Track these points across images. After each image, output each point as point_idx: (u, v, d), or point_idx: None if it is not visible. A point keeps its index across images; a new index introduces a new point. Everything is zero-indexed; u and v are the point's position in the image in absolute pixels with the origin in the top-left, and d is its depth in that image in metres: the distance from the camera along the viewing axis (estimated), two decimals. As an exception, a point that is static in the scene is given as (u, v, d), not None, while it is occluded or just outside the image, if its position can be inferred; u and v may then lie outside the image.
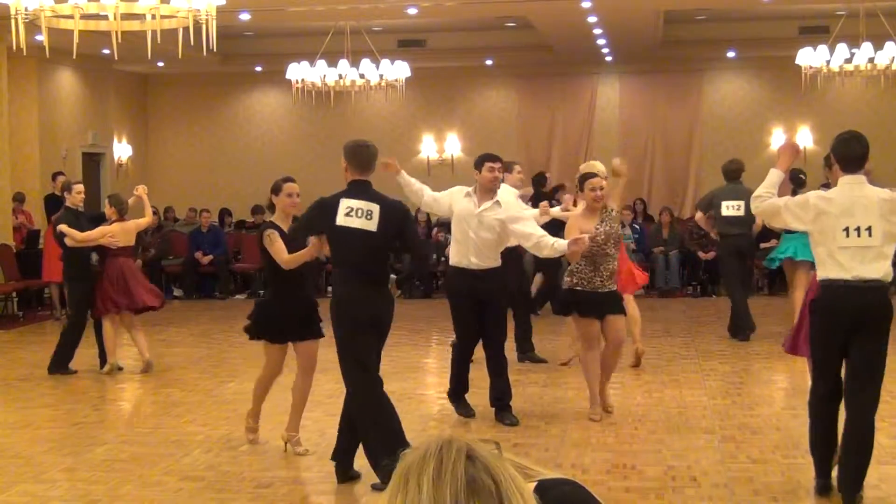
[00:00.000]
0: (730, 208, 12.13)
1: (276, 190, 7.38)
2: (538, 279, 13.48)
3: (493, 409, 8.38)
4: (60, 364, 10.76)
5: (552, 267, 12.15)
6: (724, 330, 12.60)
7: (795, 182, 12.21)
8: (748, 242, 12.49)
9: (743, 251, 12.42)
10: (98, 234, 10.66)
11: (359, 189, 6.56)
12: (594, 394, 8.32)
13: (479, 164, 8.31)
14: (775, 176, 6.22)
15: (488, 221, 8.14)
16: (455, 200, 8.31)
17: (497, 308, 8.29)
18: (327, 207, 6.55)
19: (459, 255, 8.28)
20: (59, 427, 8.41)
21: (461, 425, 8.22)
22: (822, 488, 6.13)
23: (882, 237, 5.86)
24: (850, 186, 5.95)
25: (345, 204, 6.49)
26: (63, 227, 10.60)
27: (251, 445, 7.59)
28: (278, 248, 7.05)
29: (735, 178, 12.26)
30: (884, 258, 5.91)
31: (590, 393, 8.35)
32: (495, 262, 8.26)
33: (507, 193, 8.88)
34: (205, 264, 17.59)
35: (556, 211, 9.72)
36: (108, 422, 8.67)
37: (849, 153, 6.02)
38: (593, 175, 8.57)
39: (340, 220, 6.47)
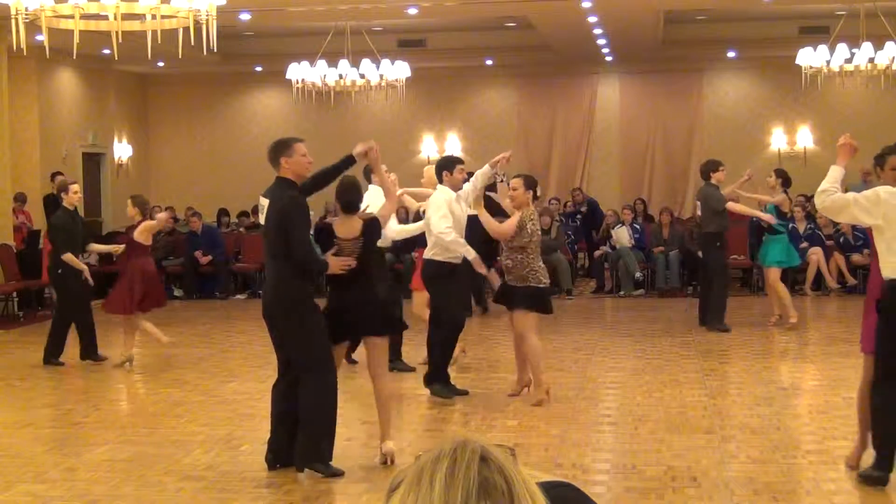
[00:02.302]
0: None
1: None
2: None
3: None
4: (52, 355, 11.14)
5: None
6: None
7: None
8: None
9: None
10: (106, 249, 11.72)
11: (273, 185, 6.91)
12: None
13: (451, 166, 9.03)
14: (837, 172, 6.30)
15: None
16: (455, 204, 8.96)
17: None
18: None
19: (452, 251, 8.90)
20: (60, 427, 8.41)
21: (462, 425, 8.22)
22: (885, 481, 6.17)
23: None
24: None
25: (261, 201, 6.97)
26: (68, 258, 10.95)
27: (251, 445, 7.59)
28: None
29: (706, 177, 12.83)
30: None
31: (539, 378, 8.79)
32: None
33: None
34: (204, 264, 17.58)
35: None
36: (108, 422, 8.66)
37: None
38: None
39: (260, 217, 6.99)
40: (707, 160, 13.10)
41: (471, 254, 8.72)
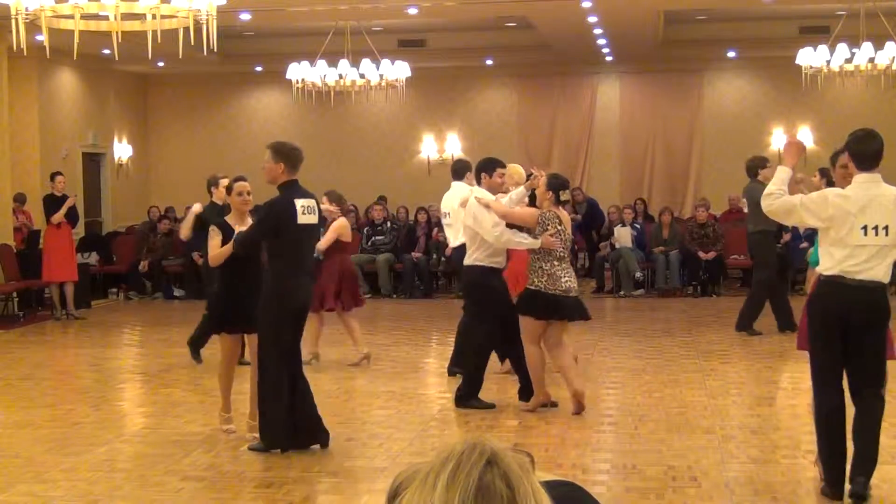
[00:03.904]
0: None
1: (228, 190, 8.19)
2: None
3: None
4: (196, 346, 11.13)
5: None
6: (725, 330, 12.64)
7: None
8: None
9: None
10: (333, 237, 10.70)
11: (297, 188, 7.21)
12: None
13: (490, 169, 8.78)
14: (784, 173, 6.18)
15: None
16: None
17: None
18: (288, 208, 7.10)
19: (498, 255, 8.68)
20: (59, 427, 8.40)
21: (462, 425, 8.22)
22: (834, 496, 6.10)
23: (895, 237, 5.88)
24: (867, 185, 5.93)
25: (298, 204, 7.11)
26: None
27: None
28: (213, 244, 7.60)
29: (752, 175, 12.29)
30: (891, 258, 5.93)
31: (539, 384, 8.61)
32: None
33: None
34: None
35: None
36: (108, 422, 8.66)
37: (864, 150, 5.99)
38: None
39: (300, 219, 7.11)
40: (753, 156, 12.56)
41: (528, 240, 8.37)
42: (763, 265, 12.48)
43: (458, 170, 10.00)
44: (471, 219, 8.59)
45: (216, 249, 7.58)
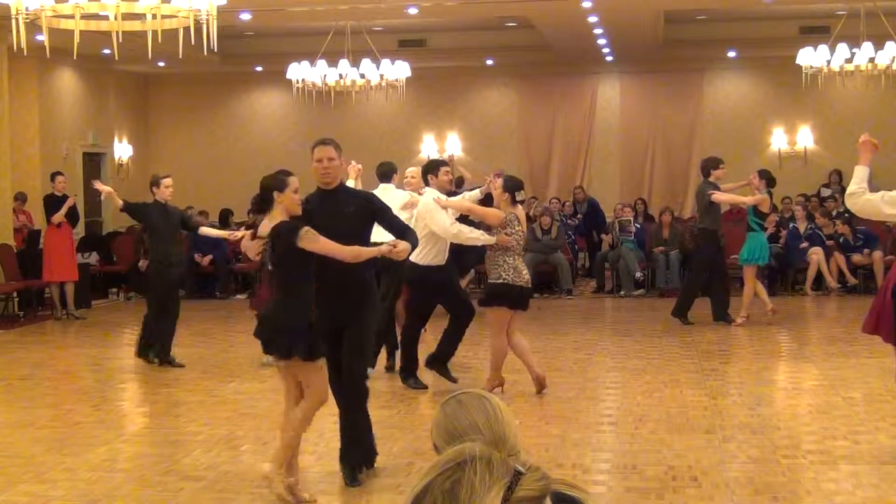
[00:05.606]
0: None
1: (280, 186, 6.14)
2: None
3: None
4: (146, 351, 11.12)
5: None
6: (725, 330, 12.67)
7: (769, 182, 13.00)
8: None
9: None
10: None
11: None
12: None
13: (435, 170, 9.35)
14: (862, 172, 6.46)
15: None
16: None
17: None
18: None
19: (441, 253, 9.30)
20: (60, 427, 8.40)
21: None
22: None
23: None
24: None
25: None
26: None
27: (251, 445, 7.57)
28: (324, 242, 5.98)
29: (705, 174, 12.97)
30: None
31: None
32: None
33: None
34: (204, 265, 17.58)
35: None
36: (108, 422, 8.66)
37: None
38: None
39: None
40: (708, 157, 13.31)
41: (484, 237, 8.86)
42: (702, 259, 13.22)
43: (387, 172, 10.34)
44: (428, 217, 9.13)
45: (336, 244, 6.01)
